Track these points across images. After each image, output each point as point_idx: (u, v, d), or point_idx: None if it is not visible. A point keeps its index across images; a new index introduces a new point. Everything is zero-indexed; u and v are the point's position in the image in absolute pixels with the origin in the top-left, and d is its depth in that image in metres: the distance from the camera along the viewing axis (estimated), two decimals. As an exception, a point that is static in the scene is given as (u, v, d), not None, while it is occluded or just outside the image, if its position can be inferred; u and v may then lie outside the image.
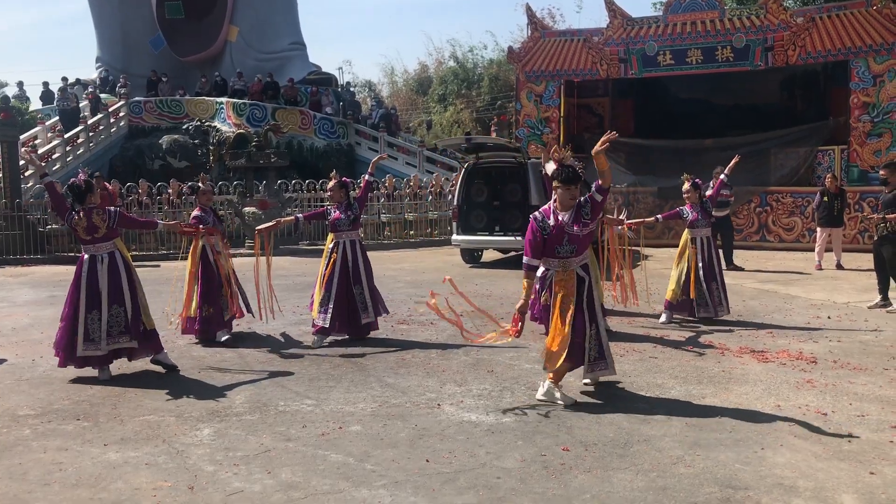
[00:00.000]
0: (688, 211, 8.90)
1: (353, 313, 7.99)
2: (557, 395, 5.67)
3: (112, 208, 6.88)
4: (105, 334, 6.57)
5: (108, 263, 6.65)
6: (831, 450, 4.67)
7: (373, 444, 4.87)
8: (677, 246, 9.08)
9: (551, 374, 5.69)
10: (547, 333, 5.75)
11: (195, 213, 8.52)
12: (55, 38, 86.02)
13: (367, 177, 8.57)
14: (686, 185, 8.95)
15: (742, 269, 13.23)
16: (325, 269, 8.00)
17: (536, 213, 5.75)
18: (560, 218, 5.60)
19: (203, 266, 8.14)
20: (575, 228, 5.57)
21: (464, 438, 4.95)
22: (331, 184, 8.36)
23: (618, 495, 4.04)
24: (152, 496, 4.12)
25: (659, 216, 9.22)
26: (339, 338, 8.01)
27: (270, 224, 8.26)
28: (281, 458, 4.65)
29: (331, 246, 8.09)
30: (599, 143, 5.44)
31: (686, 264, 8.79)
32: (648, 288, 9.38)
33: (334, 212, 8.11)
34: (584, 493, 4.08)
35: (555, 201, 5.68)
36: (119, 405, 5.83)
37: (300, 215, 8.65)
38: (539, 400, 5.69)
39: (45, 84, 28.82)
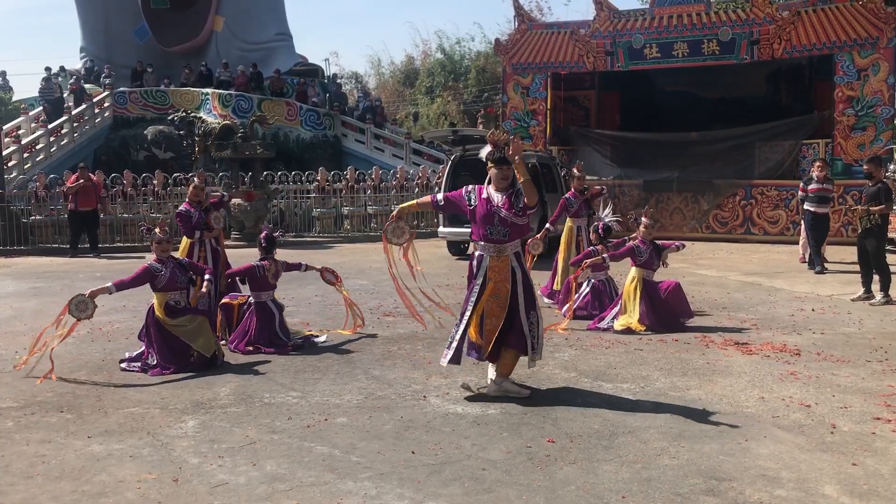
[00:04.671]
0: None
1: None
2: (513, 387, 5.72)
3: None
4: None
5: None
6: (814, 441, 4.70)
7: (358, 435, 4.87)
8: (667, 238, 9.06)
9: (502, 369, 5.71)
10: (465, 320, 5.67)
11: (181, 208, 8.48)
12: (39, 27, 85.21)
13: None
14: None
15: (825, 271, 12.07)
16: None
17: (470, 185, 5.77)
18: (493, 199, 5.56)
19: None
20: (504, 211, 5.51)
21: (449, 430, 4.95)
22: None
23: (603, 487, 4.06)
24: (136, 488, 4.11)
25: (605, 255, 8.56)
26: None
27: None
28: (266, 450, 4.64)
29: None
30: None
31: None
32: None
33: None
34: (569, 484, 4.10)
35: (489, 183, 5.66)
36: (103, 397, 5.80)
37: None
38: (493, 394, 5.66)
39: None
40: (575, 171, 10.35)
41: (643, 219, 8.38)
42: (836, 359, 6.74)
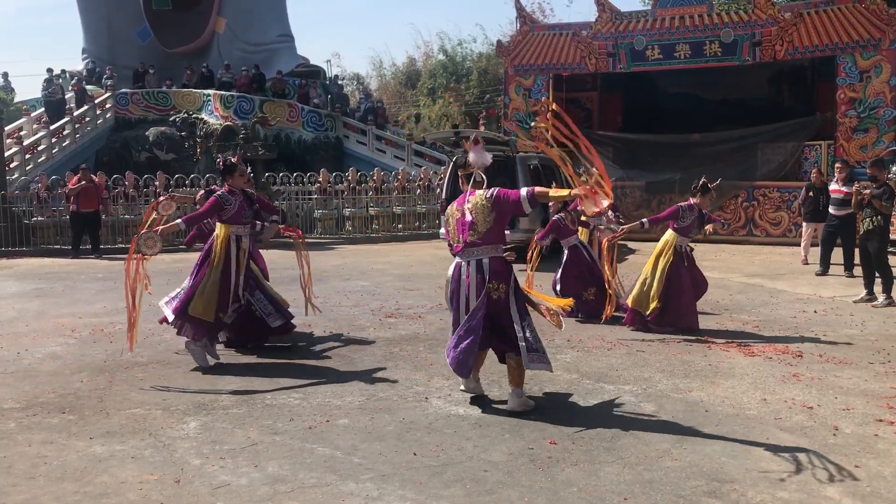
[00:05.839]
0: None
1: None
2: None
3: None
4: None
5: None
6: (817, 443, 4.69)
7: (360, 437, 4.87)
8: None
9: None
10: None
11: (221, 192, 7.01)
12: (40, 27, 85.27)
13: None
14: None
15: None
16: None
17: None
18: None
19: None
20: None
21: (451, 432, 4.95)
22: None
23: (605, 488, 4.05)
24: (138, 489, 4.10)
25: (645, 220, 8.41)
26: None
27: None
28: (268, 451, 4.64)
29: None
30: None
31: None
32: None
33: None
34: (571, 486, 4.09)
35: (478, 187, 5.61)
36: (105, 398, 5.80)
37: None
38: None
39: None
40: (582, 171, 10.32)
41: (711, 187, 8.30)
42: (838, 361, 6.73)
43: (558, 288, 8.91)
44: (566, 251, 8.97)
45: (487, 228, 5.41)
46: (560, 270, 9.00)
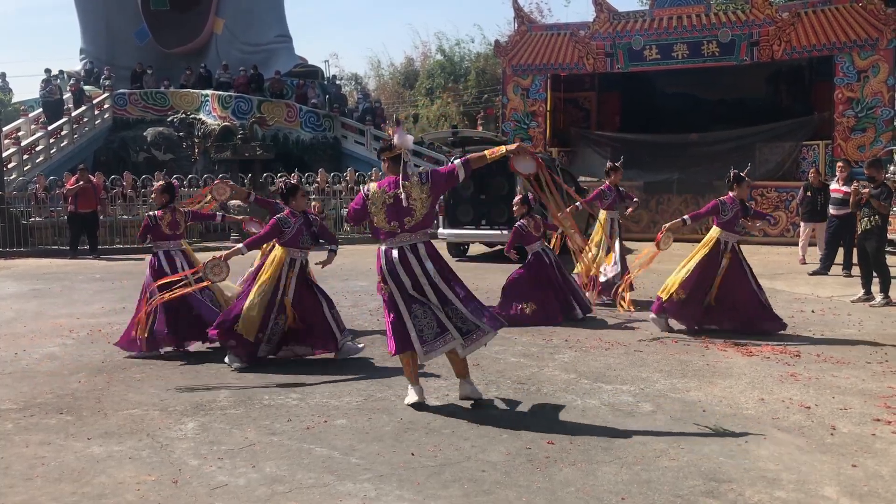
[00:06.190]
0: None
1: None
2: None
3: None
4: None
5: None
6: (814, 443, 4.70)
7: (358, 437, 4.87)
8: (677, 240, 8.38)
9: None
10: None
11: (282, 216, 6.91)
12: (39, 27, 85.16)
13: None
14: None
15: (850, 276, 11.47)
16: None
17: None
18: None
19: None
20: None
21: (449, 432, 4.95)
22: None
23: (602, 488, 4.05)
24: (136, 490, 4.10)
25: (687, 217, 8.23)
26: None
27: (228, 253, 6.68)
28: (266, 451, 4.64)
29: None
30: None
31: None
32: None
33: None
34: (569, 486, 4.09)
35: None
36: (103, 399, 5.80)
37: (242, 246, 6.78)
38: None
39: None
40: (617, 164, 10.31)
41: (743, 175, 8.03)
42: (835, 360, 6.74)
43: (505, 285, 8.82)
44: (530, 256, 8.81)
45: (425, 213, 5.45)
46: (517, 272, 8.87)
